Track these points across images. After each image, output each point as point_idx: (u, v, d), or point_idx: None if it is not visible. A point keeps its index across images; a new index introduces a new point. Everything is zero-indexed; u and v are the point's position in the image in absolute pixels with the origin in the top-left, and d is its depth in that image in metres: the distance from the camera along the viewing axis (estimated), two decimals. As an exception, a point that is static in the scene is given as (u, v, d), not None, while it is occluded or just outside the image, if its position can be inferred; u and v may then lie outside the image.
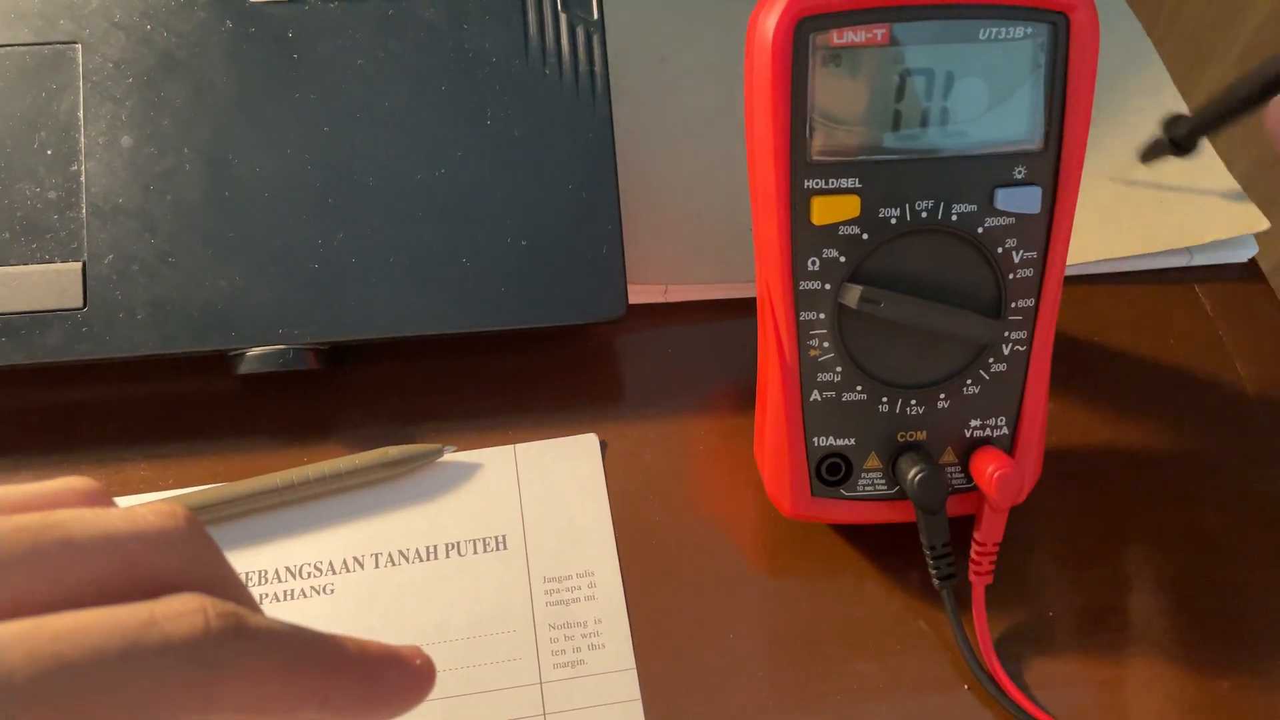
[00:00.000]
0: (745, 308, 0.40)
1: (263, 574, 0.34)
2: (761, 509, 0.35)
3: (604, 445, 0.37)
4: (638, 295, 0.39)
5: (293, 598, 0.33)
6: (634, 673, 0.32)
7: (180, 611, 0.17)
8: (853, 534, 0.35)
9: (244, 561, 0.34)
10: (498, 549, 0.35)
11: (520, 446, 0.37)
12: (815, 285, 0.31)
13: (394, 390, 0.38)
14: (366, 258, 0.36)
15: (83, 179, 0.35)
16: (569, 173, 0.37)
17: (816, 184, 0.30)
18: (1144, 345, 0.40)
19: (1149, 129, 0.42)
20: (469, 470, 0.36)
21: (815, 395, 0.32)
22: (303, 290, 0.36)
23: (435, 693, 0.31)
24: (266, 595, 0.33)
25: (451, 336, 0.37)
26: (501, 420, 0.37)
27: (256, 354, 0.35)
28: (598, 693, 0.32)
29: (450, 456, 0.36)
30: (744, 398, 0.38)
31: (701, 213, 0.41)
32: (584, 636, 0.33)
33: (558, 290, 0.37)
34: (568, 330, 0.39)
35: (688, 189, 0.42)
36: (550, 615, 0.33)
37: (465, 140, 0.37)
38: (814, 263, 0.30)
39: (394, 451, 0.35)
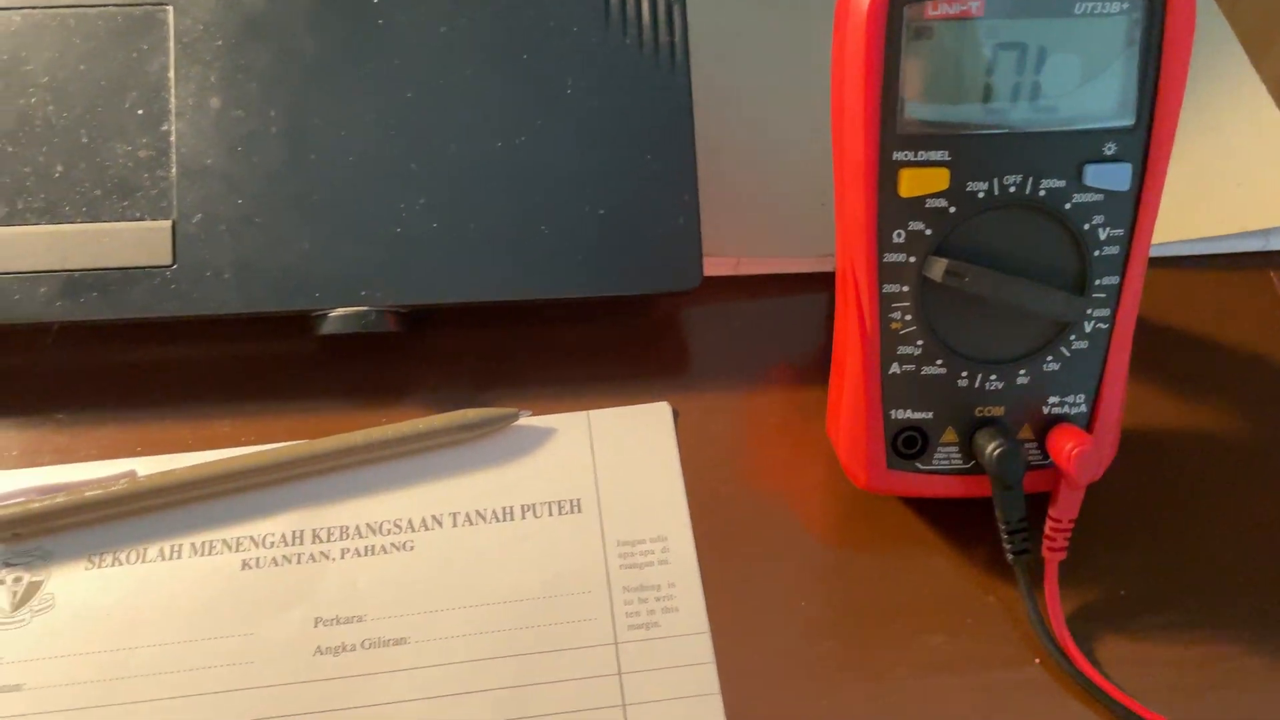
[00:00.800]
0: (816, 282, 0.41)
1: (344, 529, 0.34)
2: (832, 482, 0.36)
3: (675, 414, 0.37)
4: (709, 267, 0.39)
5: (374, 553, 0.34)
6: (708, 636, 0.33)
7: None
8: (923, 509, 0.35)
9: (326, 517, 0.34)
10: (572, 512, 0.35)
11: (593, 413, 0.37)
12: (900, 258, 0.31)
13: (469, 355, 0.39)
14: (446, 223, 0.36)
15: (172, 139, 0.36)
16: (647, 143, 0.37)
17: (905, 156, 0.30)
18: (1218, 328, 0.40)
19: (1224, 105, 0.41)
20: (543, 435, 0.37)
21: (895, 368, 0.32)
22: (384, 254, 0.36)
23: (510, 649, 0.32)
24: (348, 550, 0.34)
25: (526, 303, 0.37)
26: (574, 387, 0.38)
27: (339, 315, 0.36)
28: (672, 654, 0.32)
29: (525, 421, 0.37)
30: (813, 373, 0.38)
31: (775, 186, 0.41)
32: (657, 600, 0.33)
33: (633, 260, 0.37)
34: (640, 300, 0.40)
35: (763, 162, 0.42)
36: (624, 578, 0.34)
37: (544, 109, 0.37)
38: (899, 235, 0.30)
39: (471, 414, 0.36)
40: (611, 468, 0.36)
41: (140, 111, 0.36)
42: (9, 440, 0.36)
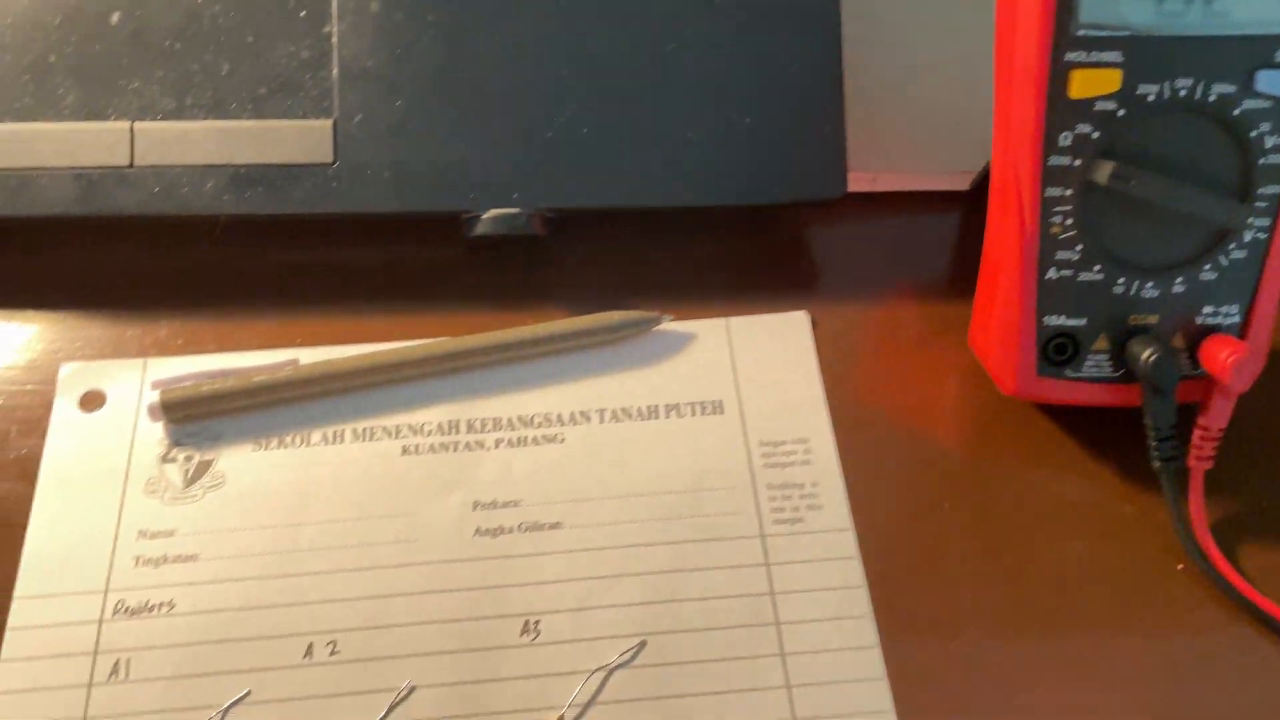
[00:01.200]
0: (952, 200, 0.41)
1: (497, 421, 0.35)
2: (972, 393, 0.36)
3: (814, 323, 0.38)
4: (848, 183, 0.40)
5: (525, 444, 0.35)
6: (852, 533, 0.33)
7: None
8: (1062, 419, 0.36)
9: (480, 409, 0.36)
10: (714, 413, 0.36)
11: (733, 320, 0.38)
12: (1064, 161, 0.31)
13: (611, 261, 0.39)
14: (597, 129, 0.37)
15: (334, 41, 0.37)
16: (795, 52, 0.38)
17: (1078, 58, 0.30)
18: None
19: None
20: (684, 339, 0.37)
21: (1052, 274, 0.32)
22: (536, 158, 0.37)
23: (660, 538, 0.33)
24: (502, 440, 0.35)
25: (669, 211, 0.38)
26: (713, 296, 0.39)
27: (490, 217, 0.37)
28: (817, 548, 0.33)
29: (667, 325, 0.37)
30: (948, 288, 0.39)
31: (918, 102, 0.41)
32: (801, 497, 0.34)
33: (779, 168, 0.37)
34: (781, 212, 0.40)
35: (904, 79, 0.42)
36: (768, 476, 0.35)
37: (695, 17, 0.38)
38: (1066, 138, 0.31)
39: (615, 316, 0.37)
40: (752, 372, 0.37)
41: (303, 14, 0.37)
42: (174, 330, 0.37)
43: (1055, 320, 0.33)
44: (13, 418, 0.35)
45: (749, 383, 0.37)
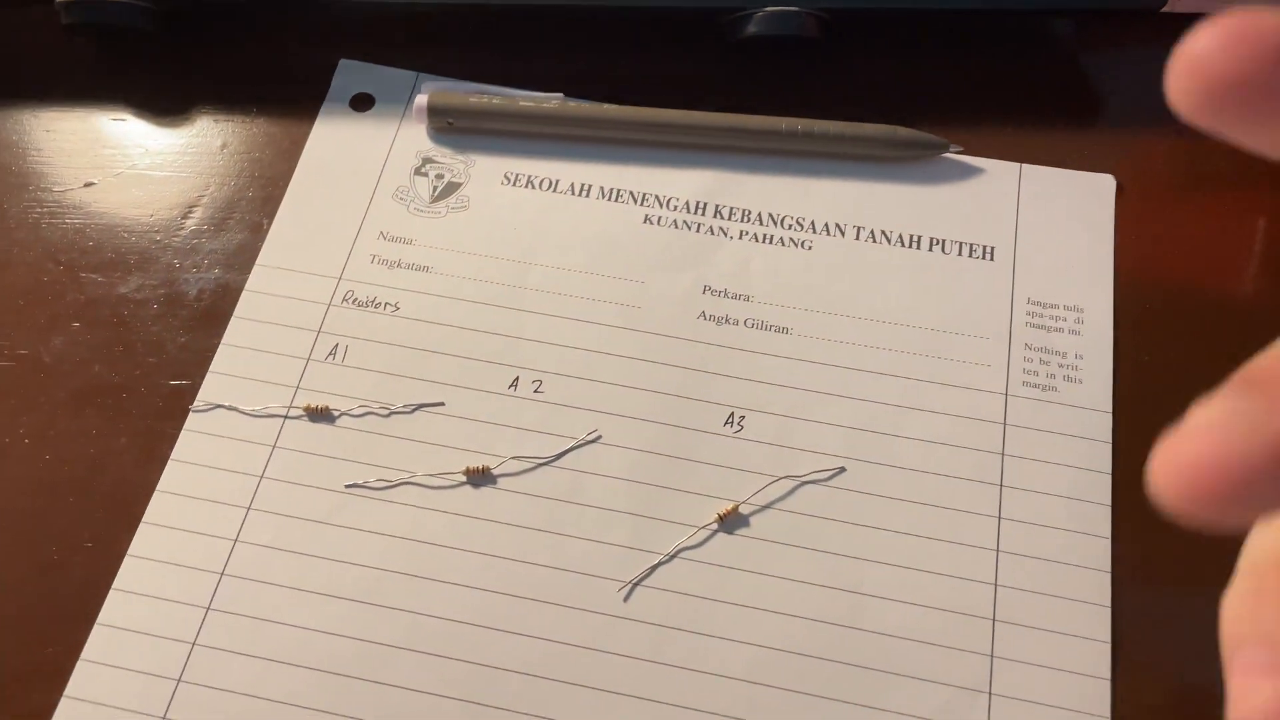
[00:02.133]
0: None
1: (745, 212, 0.33)
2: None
3: (1119, 188, 0.33)
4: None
5: (771, 242, 0.33)
6: (1109, 417, 0.30)
7: None
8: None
9: (731, 195, 0.34)
10: (984, 259, 0.32)
11: (1028, 167, 0.34)
12: None
13: (887, 78, 0.36)
14: (930, -78, 0.33)
15: None
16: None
17: None
18: None
19: None
20: (967, 174, 0.34)
21: None
22: (855, -58, 0.34)
23: (896, 369, 0.31)
24: (747, 234, 0.33)
25: (958, 21, 0.34)
26: (994, 123, 0.35)
27: (765, 15, 0.34)
28: (1064, 422, 0.30)
29: (953, 155, 0.34)
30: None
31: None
32: (1060, 366, 0.31)
33: None
34: (1081, 31, 0.36)
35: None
36: (1028, 335, 0.31)
37: None
38: None
39: (902, 132, 0.34)
40: (1035, 226, 0.33)
41: None
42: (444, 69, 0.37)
43: None
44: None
45: (1031, 236, 0.33)
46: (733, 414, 0.30)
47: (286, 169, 0.34)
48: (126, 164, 0.35)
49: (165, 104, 0.36)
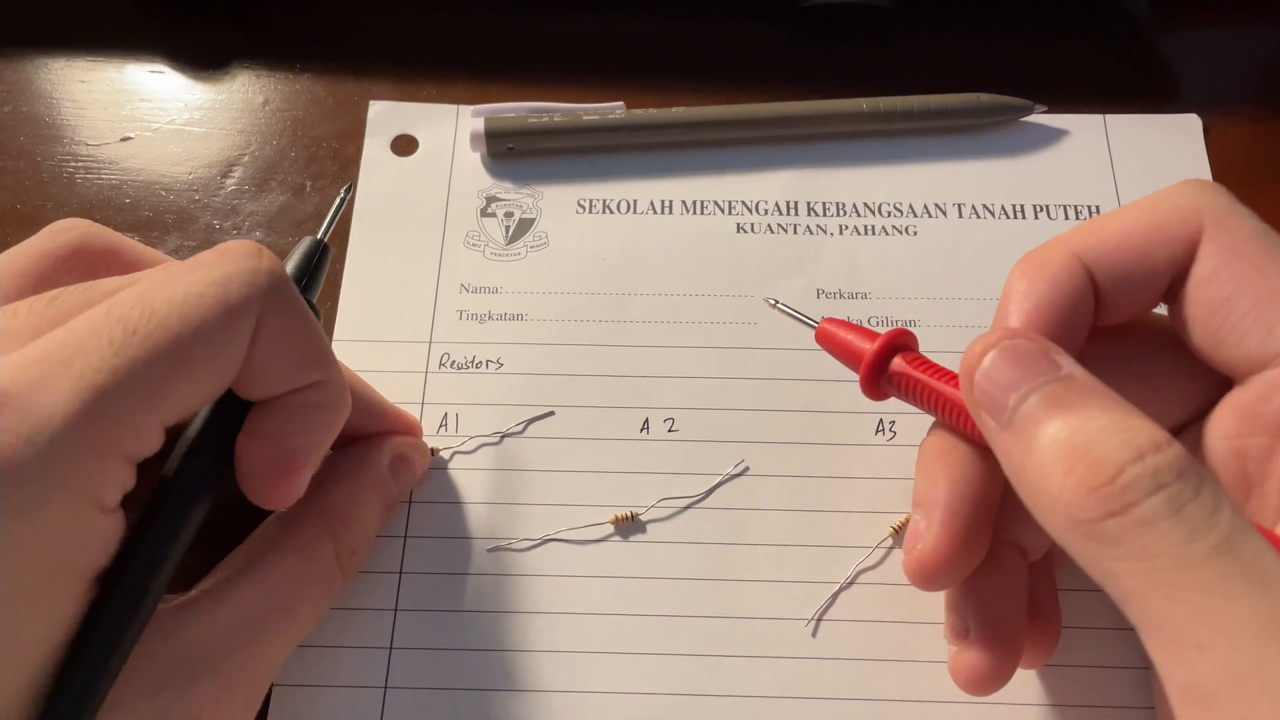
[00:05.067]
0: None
1: (840, 205, 0.32)
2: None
3: (1205, 129, 0.33)
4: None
5: (873, 233, 0.31)
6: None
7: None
8: None
9: (822, 189, 0.32)
10: (1092, 217, 0.31)
11: (1110, 117, 0.33)
12: None
13: (960, 46, 0.35)
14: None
15: None
16: None
17: None
18: None
19: None
20: (1054, 135, 0.33)
21: None
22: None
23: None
24: (847, 228, 0.31)
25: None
26: (1076, 89, 0.34)
27: (845, -26, 0.32)
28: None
29: (1037, 117, 0.33)
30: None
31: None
32: (1196, 319, 0.30)
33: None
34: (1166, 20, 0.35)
35: None
36: (1156, 293, 0.30)
37: None
38: None
39: (985, 99, 0.32)
40: (1134, 176, 0.32)
41: None
42: (473, 92, 0.34)
43: None
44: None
45: (1131, 189, 0.32)
46: (881, 420, 0.29)
47: (330, 130, 0.33)
48: (165, 118, 0.33)
49: (204, 56, 0.34)
